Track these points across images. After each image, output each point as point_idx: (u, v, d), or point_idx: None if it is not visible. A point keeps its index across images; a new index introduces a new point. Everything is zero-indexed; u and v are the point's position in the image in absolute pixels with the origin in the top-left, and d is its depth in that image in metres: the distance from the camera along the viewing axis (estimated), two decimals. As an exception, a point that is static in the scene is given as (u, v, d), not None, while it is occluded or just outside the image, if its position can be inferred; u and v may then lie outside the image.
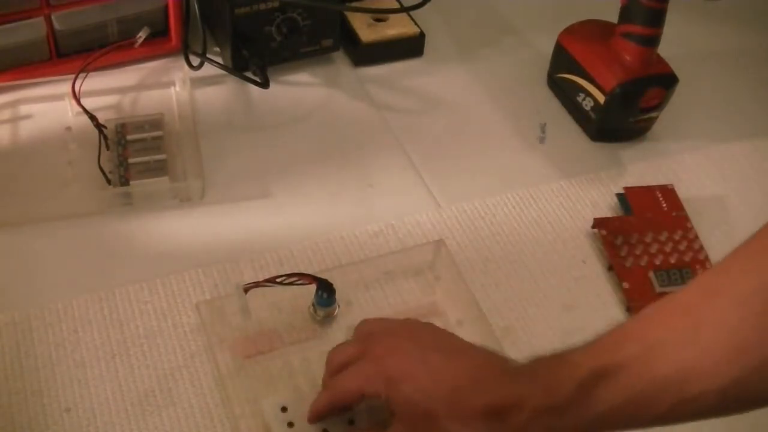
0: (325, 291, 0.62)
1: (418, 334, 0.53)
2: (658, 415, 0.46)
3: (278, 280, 0.62)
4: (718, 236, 0.73)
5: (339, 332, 0.63)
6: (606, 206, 0.76)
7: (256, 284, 0.61)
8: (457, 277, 0.67)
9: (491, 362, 0.51)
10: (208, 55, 0.81)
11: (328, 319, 0.64)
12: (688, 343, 0.45)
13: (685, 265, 0.70)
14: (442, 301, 0.66)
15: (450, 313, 0.65)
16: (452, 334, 0.55)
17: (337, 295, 0.63)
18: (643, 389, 0.46)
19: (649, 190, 0.76)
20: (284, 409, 0.57)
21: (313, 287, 0.63)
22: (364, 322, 0.57)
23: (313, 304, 0.63)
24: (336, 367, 0.55)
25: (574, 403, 0.47)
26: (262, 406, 0.58)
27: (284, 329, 0.63)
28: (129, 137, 0.73)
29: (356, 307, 0.65)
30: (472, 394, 0.49)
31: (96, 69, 0.77)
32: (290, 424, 0.56)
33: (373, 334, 0.55)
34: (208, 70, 0.82)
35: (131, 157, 0.72)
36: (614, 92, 0.77)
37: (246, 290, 0.61)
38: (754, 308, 0.44)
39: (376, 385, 0.51)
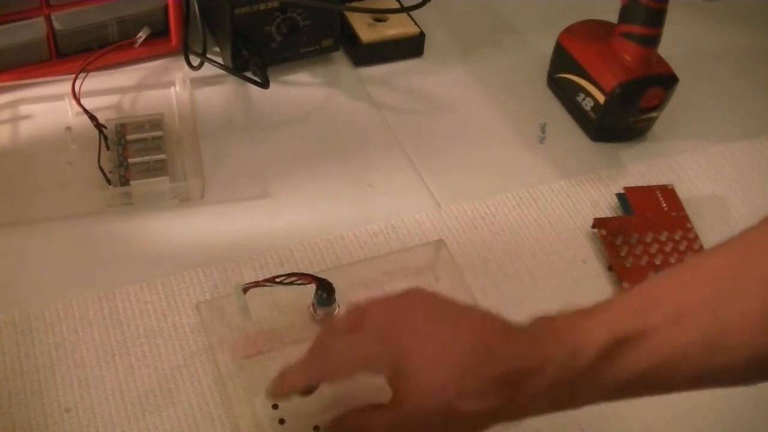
0: (325, 291, 0.62)
1: (421, 307, 0.50)
2: (679, 384, 0.46)
3: (278, 280, 0.62)
4: (718, 236, 0.73)
5: (339, 332, 0.63)
6: (606, 206, 0.76)
7: (256, 284, 0.61)
8: (457, 277, 0.67)
9: (497, 327, 0.49)
10: (208, 55, 0.81)
11: (328, 319, 0.64)
12: (715, 313, 0.44)
13: (685, 265, 0.70)
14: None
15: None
16: (453, 301, 0.51)
17: (337, 295, 0.63)
18: (666, 359, 0.45)
19: (649, 190, 0.76)
20: (275, 407, 0.57)
21: (313, 287, 0.63)
22: (357, 304, 0.53)
23: (313, 304, 0.63)
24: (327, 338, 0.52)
25: (592, 373, 0.45)
26: (254, 404, 0.58)
27: (284, 329, 0.63)
28: (129, 137, 0.73)
29: (356, 307, 0.65)
30: (484, 365, 0.46)
31: (96, 69, 0.77)
32: (281, 421, 0.56)
33: (371, 310, 0.51)
34: (208, 70, 0.82)
35: (131, 157, 0.72)
36: (614, 92, 0.77)
37: (245, 290, 0.61)
38: None
39: (380, 365, 0.48)
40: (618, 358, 0.45)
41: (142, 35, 0.80)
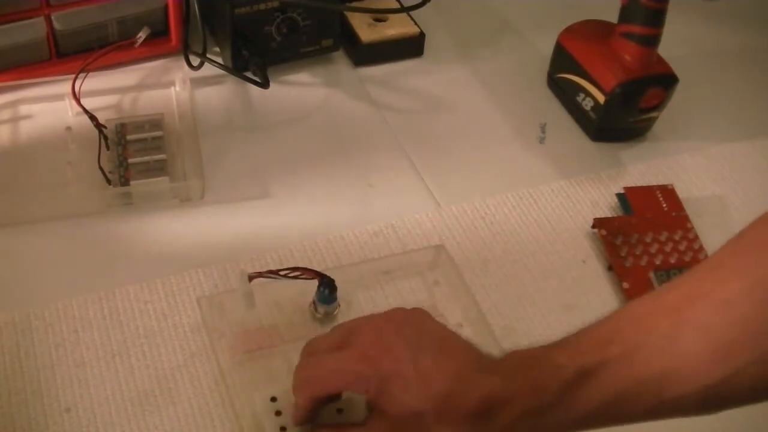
0: (327, 287, 0.62)
1: (405, 330, 0.52)
2: (638, 414, 0.47)
3: (282, 273, 0.62)
4: (718, 236, 0.73)
5: (339, 332, 0.63)
6: (606, 206, 0.76)
7: (260, 274, 0.61)
8: (457, 280, 0.67)
9: (474, 357, 0.51)
10: (208, 55, 0.81)
11: (328, 318, 0.64)
12: (670, 346, 0.46)
13: (685, 265, 0.70)
14: (442, 303, 0.66)
15: (450, 315, 0.65)
16: (435, 324, 0.54)
17: (338, 295, 0.63)
18: (624, 390, 0.47)
19: (649, 190, 0.76)
20: (274, 399, 0.57)
21: (314, 287, 0.63)
22: (344, 323, 0.56)
23: (314, 302, 0.63)
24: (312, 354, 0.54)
25: (559, 403, 0.47)
26: (253, 398, 0.58)
27: (284, 326, 0.63)
28: (129, 137, 0.73)
29: (356, 306, 0.65)
30: (462, 395, 0.48)
31: (96, 69, 0.77)
32: (278, 413, 0.56)
33: (358, 329, 0.53)
34: (208, 70, 0.82)
35: (131, 157, 0.72)
36: (614, 92, 0.77)
37: (251, 278, 0.61)
38: (735, 313, 0.45)
39: (366, 385, 0.51)
40: (579, 389, 0.47)
41: (142, 35, 0.80)
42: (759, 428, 0.63)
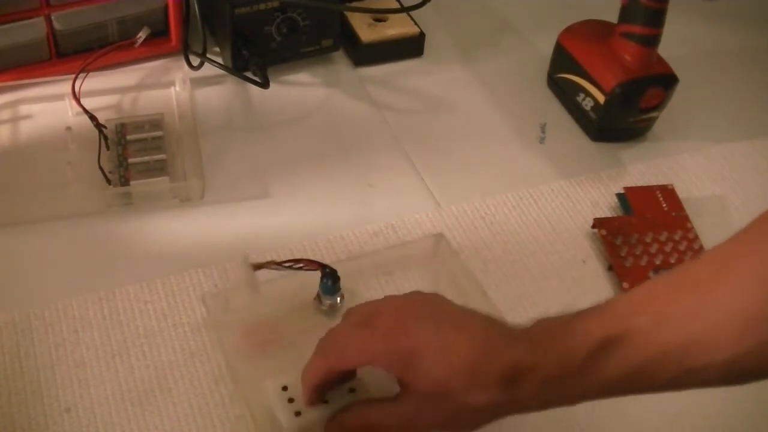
0: (330, 278, 0.63)
1: (425, 310, 0.53)
2: (662, 384, 0.48)
3: (285, 264, 0.62)
4: (718, 236, 0.72)
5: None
6: (606, 206, 0.76)
7: (261, 265, 0.62)
8: (458, 268, 0.67)
9: (498, 328, 0.52)
10: (208, 55, 0.81)
11: (333, 310, 0.64)
12: (696, 318, 0.47)
13: (685, 265, 0.70)
14: (445, 292, 0.66)
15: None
16: (453, 304, 0.54)
17: (342, 287, 0.63)
18: (649, 359, 0.47)
19: (649, 190, 0.76)
20: (285, 388, 0.57)
21: (317, 281, 0.63)
22: (361, 305, 0.56)
23: (318, 295, 0.64)
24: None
25: (584, 371, 0.48)
26: (264, 387, 0.57)
27: (289, 320, 0.63)
28: (129, 137, 0.73)
29: (360, 298, 0.65)
30: (488, 362, 0.49)
31: (96, 69, 0.77)
32: (290, 400, 0.56)
33: (378, 311, 0.54)
34: (208, 70, 0.82)
35: (131, 157, 0.72)
36: (614, 92, 0.77)
37: (255, 268, 0.61)
38: (761, 289, 0.46)
39: (389, 362, 0.51)
40: (603, 358, 0.48)
41: (142, 35, 0.80)
42: (759, 428, 0.63)
